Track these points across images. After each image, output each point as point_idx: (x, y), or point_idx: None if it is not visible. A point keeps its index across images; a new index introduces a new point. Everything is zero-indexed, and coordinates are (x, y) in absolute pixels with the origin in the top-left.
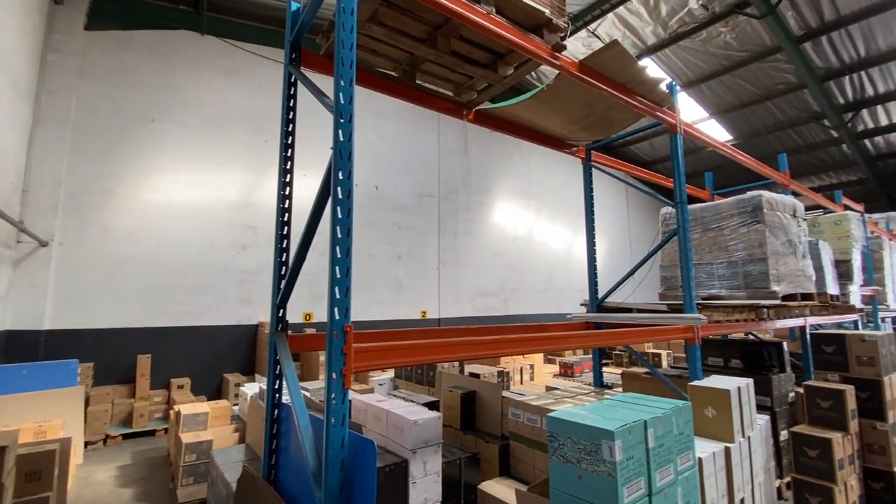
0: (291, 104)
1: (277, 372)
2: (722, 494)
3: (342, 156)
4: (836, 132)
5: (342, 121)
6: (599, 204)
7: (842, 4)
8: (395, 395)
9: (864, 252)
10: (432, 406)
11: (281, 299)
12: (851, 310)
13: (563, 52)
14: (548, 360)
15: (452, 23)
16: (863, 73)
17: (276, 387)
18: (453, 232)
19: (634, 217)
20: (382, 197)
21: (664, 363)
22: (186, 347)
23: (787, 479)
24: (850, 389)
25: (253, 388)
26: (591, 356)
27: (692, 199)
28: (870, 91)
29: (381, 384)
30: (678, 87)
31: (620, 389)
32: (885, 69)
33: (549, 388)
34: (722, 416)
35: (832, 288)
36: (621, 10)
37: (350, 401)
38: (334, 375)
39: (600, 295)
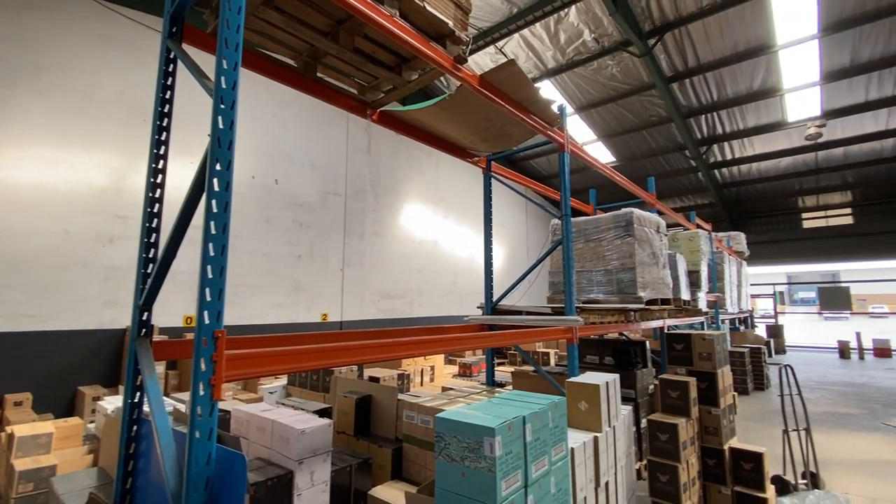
0: (169, 82)
1: (138, 382)
2: (590, 479)
3: (221, 144)
4: (694, 162)
5: (223, 107)
6: (501, 213)
7: (701, 54)
8: (284, 404)
9: (709, 264)
10: (324, 413)
11: (145, 300)
12: (699, 313)
13: (465, 65)
14: (449, 361)
15: (356, 20)
16: (715, 114)
17: (136, 400)
18: (360, 233)
19: (532, 226)
20: (283, 192)
21: (552, 361)
22: (28, 356)
23: (645, 461)
24: (693, 381)
25: (114, 403)
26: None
27: (579, 213)
28: (720, 129)
29: (271, 392)
30: (569, 110)
31: (511, 387)
32: (731, 112)
33: (444, 389)
34: (593, 409)
35: (685, 294)
36: (526, 32)
37: (229, 412)
38: (201, 386)
39: (495, 298)
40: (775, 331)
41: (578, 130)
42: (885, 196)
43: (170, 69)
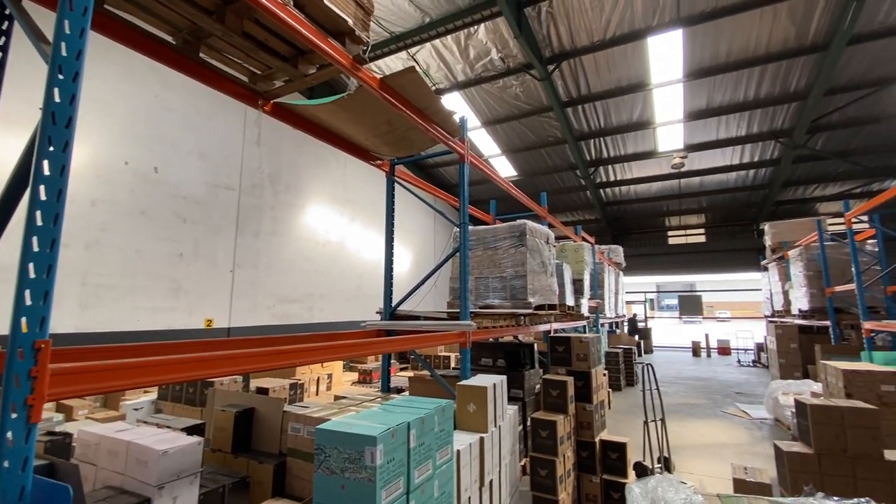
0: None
1: None
2: (475, 479)
3: (56, 121)
4: (584, 181)
5: (61, 77)
6: (409, 218)
7: (592, 84)
8: (147, 422)
9: (592, 273)
10: (196, 430)
11: None
12: (582, 317)
13: (366, 66)
14: (350, 368)
15: (245, 2)
16: (602, 139)
17: None
18: (255, 231)
19: (441, 232)
20: (163, 182)
21: (452, 364)
22: None
23: (528, 457)
24: (571, 380)
25: None
26: (392, 362)
27: (481, 222)
28: (605, 153)
29: (136, 409)
30: (476, 123)
31: (408, 393)
32: (615, 139)
33: (337, 398)
34: (480, 410)
35: (570, 300)
36: (438, 43)
37: (70, 435)
38: (13, 407)
39: (396, 303)
40: (644, 333)
41: (485, 143)
42: (729, 220)
43: (3, 27)
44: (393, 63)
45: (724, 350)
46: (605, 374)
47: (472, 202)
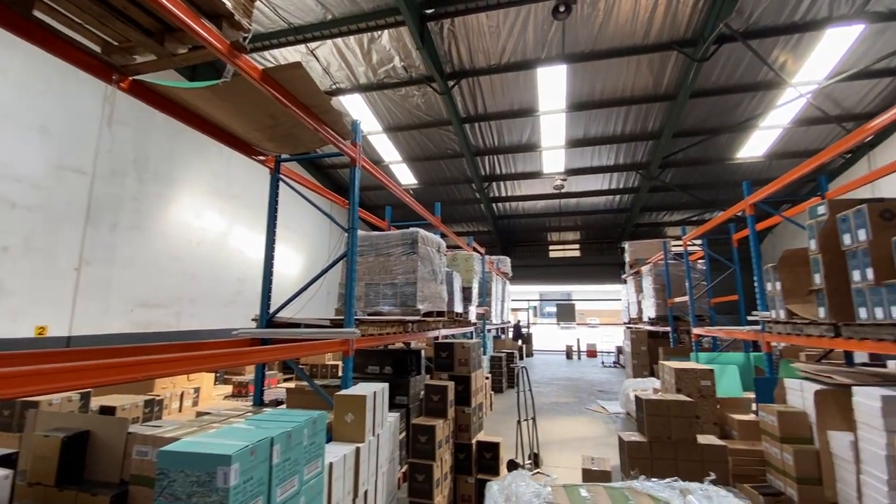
0: None
1: None
2: (348, 491)
3: None
4: (479, 195)
5: None
6: (302, 219)
7: (488, 104)
8: None
9: (481, 282)
10: (5, 462)
11: None
12: (469, 324)
13: (260, 55)
14: (224, 381)
15: None
16: (496, 156)
17: None
18: (111, 224)
19: (337, 236)
20: None
21: (341, 373)
22: None
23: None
24: (451, 385)
25: None
26: (273, 372)
27: (377, 228)
28: (498, 170)
29: None
30: (377, 128)
31: (286, 405)
32: (506, 158)
33: (200, 414)
34: (358, 420)
35: (459, 307)
36: (340, 42)
37: None
38: None
39: (273, 310)
40: (527, 338)
41: (386, 149)
42: (599, 238)
43: None
44: (290, 55)
45: (592, 353)
46: (487, 378)
47: (369, 207)
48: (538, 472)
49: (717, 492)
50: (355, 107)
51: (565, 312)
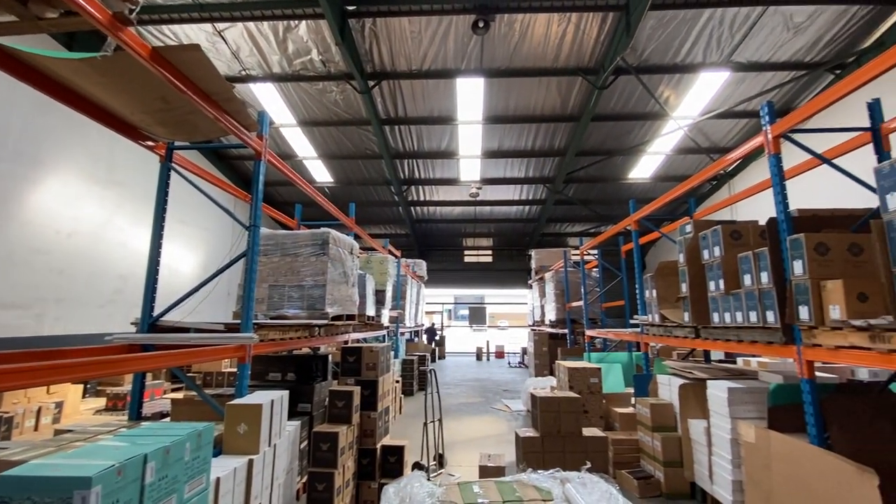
0: None
1: None
2: None
3: None
4: (397, 198)
5: None
6: (202, 213)
7: (409, 108)
8: None
9: (395, 285)
10: None
11: None
12: (382, 327)
13: (155, 28)
14: (96, 392)
15: None
16: (415, 160)
17: None
18: None
19: (243, 233)
20: None
21: None
22: None
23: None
24: (357, 390)
25: None
26: (159, 382)
27: (285, 226)
28: (417, 175)
29: None
30: (287, 120)
31: (170, 418)
32: (425, 163)
33: (59, 432)
34: (252, 430)
35: (371, 311)
36: (252, 26)
37: None
38: None
39: (158, 313)
40: (440, 341)
41: (300, 144)
42: (510, 245)
43: None
44: (193, 33)
45: (500, 354)
46: (398, 381)
47: (278, 204)
48: (442, 472)
49: (591, 478)
50: (267, 96)
51: (477, 315)
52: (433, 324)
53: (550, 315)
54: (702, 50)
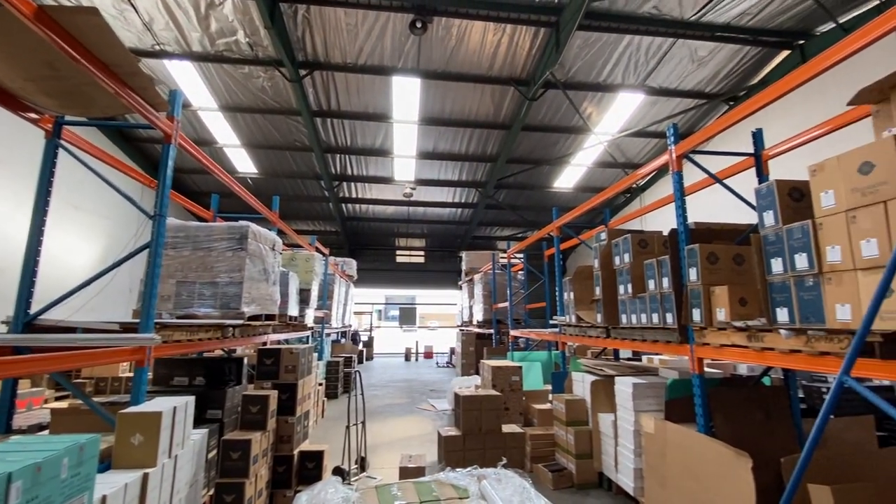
0: None
1: None
2: None
3: None
4: (327, 193)
5: None
6: (101, 199)
7: (342, 102)
8: None
9: (322, 284)
10: None
11: None
12: (306, 328)
13: None
14: None
15: None
16: (348, 156)
17: None
18: None
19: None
20: None
21: None
22: None
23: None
24: (273, 394)
25: None
26: (39, 390)
27: (198, 218)
28: (349, 171)
29: None
30: (207, 103)
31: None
32: (359, 159)
33: None
34: (149, 441)
35: (294, 311)
36: None
37: None
38: None
39: (37, 309)
40: (368, 342)
41: (222, 130)
42: (442, 246)
43: None
44: (100, 1)
45: (429, 354)
46: (321, 384)
47: (194, 193)
48: (363, 476)
49: (506, 474)
50: (185, 76)
51: (407, 316)
52: (356, 332)
53: (478, 315)
54: (621, 72)
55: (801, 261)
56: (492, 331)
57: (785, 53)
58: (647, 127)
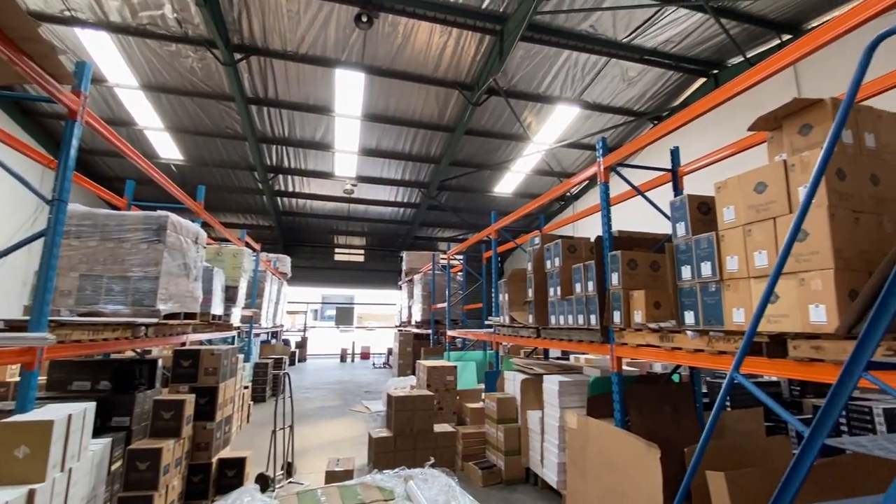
0: None
1: None
2: None
3: None
4: (262, 185)
5: None
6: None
7: (280, 91)
8: None
9: (251, 281)
10: None
11: None
12: (231, 328)
13: None
14: None
15: None
16: (285, 148)
17: None
18: None
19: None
20: None
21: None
22: None
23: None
24: (190, 398)
25: None
26: None
27: (111, 206)
28: (286, 163)
29: None
30: (126, 80)
31: None
32: (297, 152)
33: None
34: (36, 454)
35: (218, 309)
36: None
37: None
38: None
39: None
40: (301, 343)
41: (143, 111)
42: (383, 245)
43: None
44: None
45: (365, 355)
46: (247, 387)
47: (107, 179)
48: (289, 482)
49: (433, 473)
50: (101, 48)
51: (344, 316)
52: (295, 324)
53: (417, 316)
54: (559, 85)
55: (706, 269)
56: (430, 331)
57: (702, 80)
58: (581, 139)
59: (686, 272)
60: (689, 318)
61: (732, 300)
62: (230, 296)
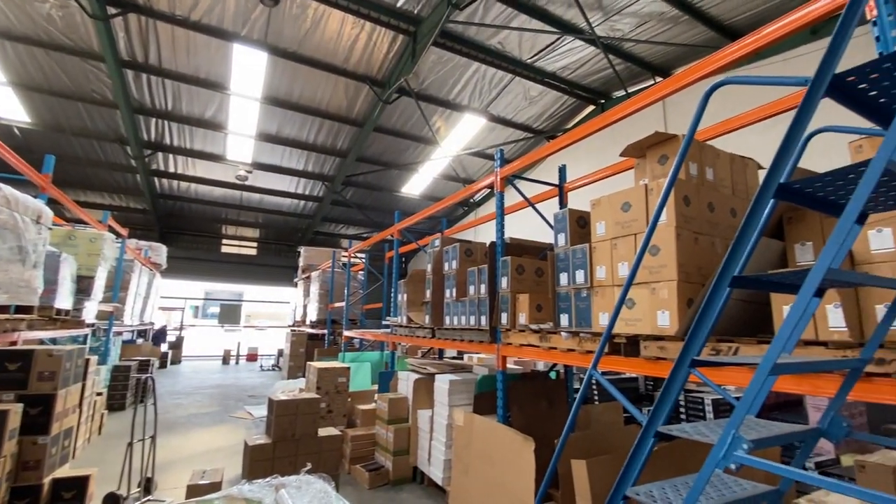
0: None
1: None
2: None
3: None
4: (135, 162)
5: None
6: None
7: (165, 58)
8: None
9: (113, 271)
10: None
11: None
12: (81, 325)
13: None
14: None
15: None
16: (167, 122)
17: None
18: None
19: None
20: None
21: None
22: None
23: None
24: (15, 408)
25: None
26: None
27: None
28: (168, 140)
29: None
30: None
31: None
32: (182, 129)
33: None
34: None
35: (64, 302)
36: None
37: None
38: None
39: None
40: (176, 343)
41: None
42: (279, 239)
43: None
44: None
45: (253, 356)
46: (100, 394)
47: None
48: (148, 500)
49: (308, 480)
50: None
51: (229, 314)
52: (164, 326)
53: (312, 315)
54: (468, 95)
55: (580, 276)
56: (326, 331)
57: (591, 107)
58: (485, 149)
59: (564, 279)
60: (564, 320)
61: (600, 305)
62: (83, 287)
